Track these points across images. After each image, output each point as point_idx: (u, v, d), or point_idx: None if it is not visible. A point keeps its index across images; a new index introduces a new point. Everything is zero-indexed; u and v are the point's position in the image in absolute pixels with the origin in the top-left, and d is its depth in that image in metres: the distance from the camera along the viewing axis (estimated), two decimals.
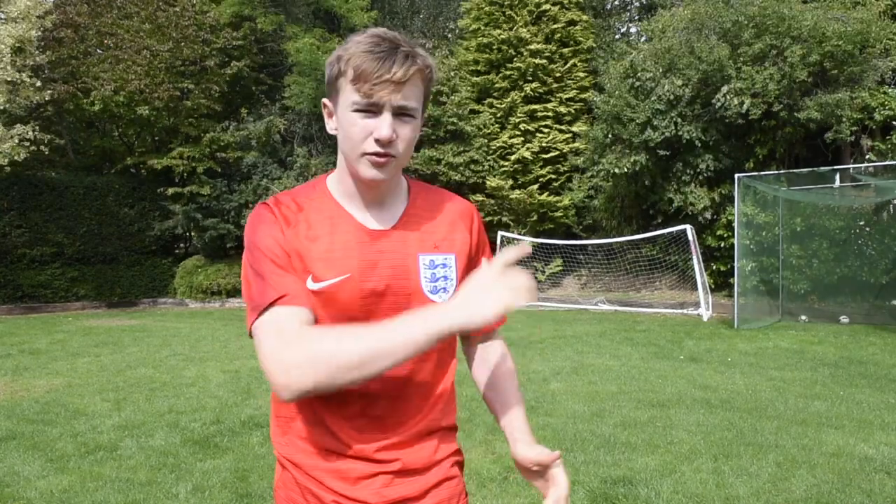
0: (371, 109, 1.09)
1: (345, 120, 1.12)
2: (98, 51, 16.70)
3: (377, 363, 0.99)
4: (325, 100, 1.20)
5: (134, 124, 17.92)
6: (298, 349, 1.01)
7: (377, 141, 1.09)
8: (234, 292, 17.12)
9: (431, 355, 1.22)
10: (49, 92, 14.87)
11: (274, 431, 1.25)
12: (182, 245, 19.92)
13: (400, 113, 1.10)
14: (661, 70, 13.24)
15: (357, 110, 1.09)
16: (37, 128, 14.68)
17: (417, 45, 1.13)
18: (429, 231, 1.22)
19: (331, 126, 1.19)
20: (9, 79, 13.73)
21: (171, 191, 16.90)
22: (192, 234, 18.51)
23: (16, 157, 14.07)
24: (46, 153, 15.04)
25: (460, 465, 1.30)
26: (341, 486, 1.16)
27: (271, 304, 1.07)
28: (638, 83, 13.47)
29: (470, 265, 1.26)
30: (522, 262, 1.06)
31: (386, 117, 1.09)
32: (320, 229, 1.16)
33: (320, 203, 1.19)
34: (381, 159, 1.11)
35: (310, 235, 1.15)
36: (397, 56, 1.08)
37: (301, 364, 1.00)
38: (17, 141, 14.06)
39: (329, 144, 17.95)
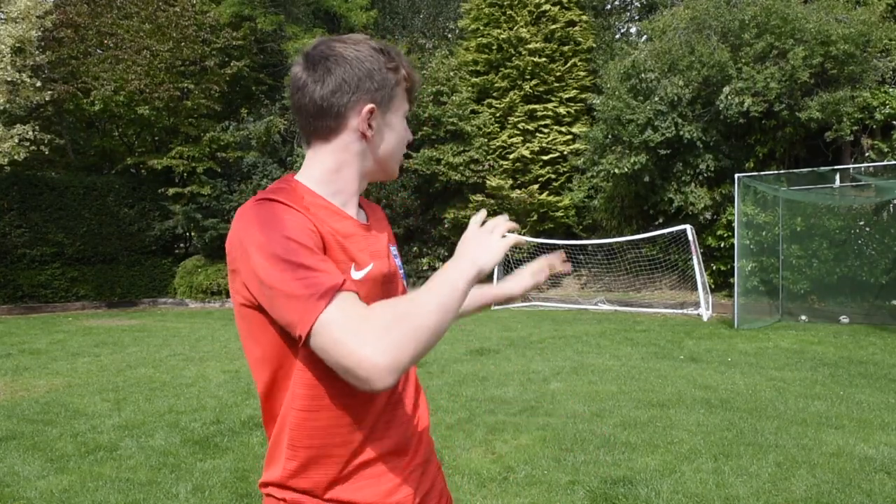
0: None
1: (400, 126, 1.24)
2: (98, 51, 16.70)
3: (446, 319, 1.01)
4: (371, 105, 1.16)
5: (134, 124, 17.91)
6: (390, 326, 0.96)
7: (408, 144, 1.28)
8: None
9: None
10: (49, 92, 14.87)
11: (288, 474, 1.11)
12: (182, 245, 19.92)
13: None
14: (663, 70, 13.21)
15: (406, 118, 1.25)
16: (37, 128, 14.68)
17: None
18: (382, 227, 1.32)
19: (369, 130, 1.17)
20: (9, 79, 13.73)
21: (171, 191, 16.89)
22: (192, 234, 18.51)
23: (16, 157, 14.07)
24: (46, 153, 15.04)
25: None
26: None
27: (337, 291, 0.98)
28: (642, 84, 13.42)
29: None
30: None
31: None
32: (331, 223, 1.14)
33: (313, 199, 1.16)
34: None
35: (329, 227, 1.13)
36: None
37: (400, 339, 0.95)
38: (17, 141, 14.06)
39: None
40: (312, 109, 1.16)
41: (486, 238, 1.11)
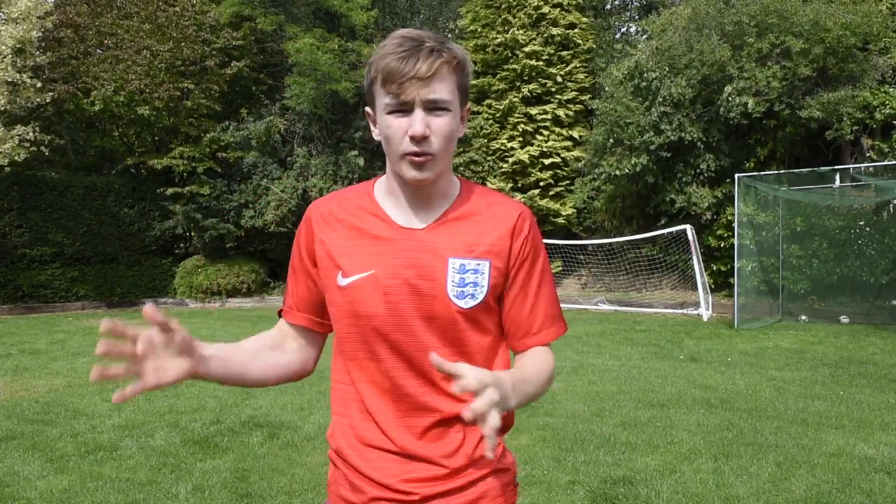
0: (403, 108, 1.11)
1: (382, 123, 1.15)
2: (98, 51, 16.68)
3: None
4: (367, 109, 1.23)
5: (134, 124, 17.88)
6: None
7: (412, 139, 1.11)
8: (234, 292, 17.12)
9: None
10: (49, 92, 14.86)
11: (330, 430, 1.32)
12: (182, 245, 19.90)
13: (432, 107, 1.12)
14: (665, 70, 13.16)
15: (390, 112, 1.12)
16: (37, 128, 14.66)
17: (447, 40, 1.15)
18: (466, 234, 1.19)
19: (375, 133, 1.21)
20: (9, 80, 13.72)
21: (170, 191, 16.87)
22: (192, 234, 18.50)
23: (16, 158, 14.06)
24: (46, 154, 15.03)
25: None
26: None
27: (279, 312, 1.35)
28: (644, 83, 13.34)
29: (507, 274, 1.21)
30: None
31: (418, 113, 1.11)
32: (351, 225, 1.22)
33: (358, 201, 1.25)
34: (420, 158, 1.12)
35: (339, 232, 1.22)
36: (421, 52, 1.10)
37: None
38: (17, 141, 14.04)
39: (329, 144, 17.96)
40: None
41: None
